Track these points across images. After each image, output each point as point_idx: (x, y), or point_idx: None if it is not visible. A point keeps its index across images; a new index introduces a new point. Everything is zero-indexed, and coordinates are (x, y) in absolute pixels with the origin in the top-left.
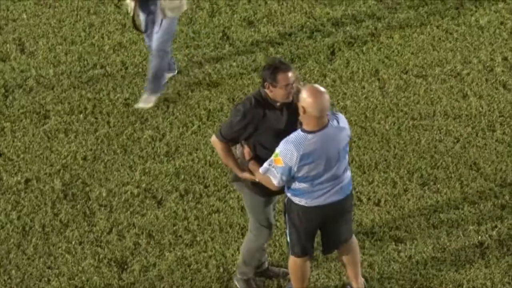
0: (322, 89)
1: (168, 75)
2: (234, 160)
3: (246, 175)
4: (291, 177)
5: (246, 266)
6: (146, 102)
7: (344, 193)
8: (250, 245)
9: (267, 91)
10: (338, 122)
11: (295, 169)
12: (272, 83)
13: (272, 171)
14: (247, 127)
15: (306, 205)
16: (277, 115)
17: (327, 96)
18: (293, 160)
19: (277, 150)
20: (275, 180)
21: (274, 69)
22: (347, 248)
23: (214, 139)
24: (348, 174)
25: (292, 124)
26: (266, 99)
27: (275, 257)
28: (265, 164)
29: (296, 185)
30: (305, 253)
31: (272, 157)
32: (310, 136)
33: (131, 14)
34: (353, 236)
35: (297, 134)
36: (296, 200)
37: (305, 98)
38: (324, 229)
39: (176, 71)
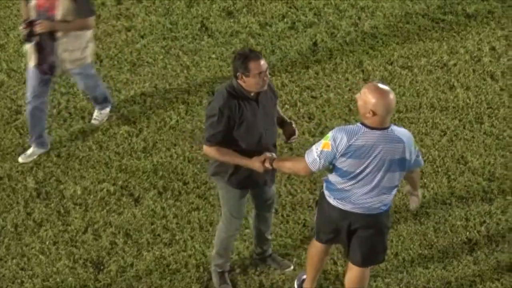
0: (386, 87)
1: (105, 111)
2: (235, 154)
3: (255, 162)
4: (331, 165)
5: (220, 257)
6: (100, 118)
7: (375, 212)
8: (221, 235)
9: (240, 82)
10: (400, 133)
11: (338, 156)
12: (244, 73)
13: (314, 156)
14: (229, 121)
15: (332, 202)
16: (252, 105)
17: (393, 95)
18: (341, 147)
19: (329, 133)
20: (314, 166)
21: (245, 58)
22: (354, 274)
23: (205, 149)
24: (387, 198)
25: (269, 114)
26: (240, 90)
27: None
28: (313, 148)
29: (333, 178)
30: (327, 242)
31: (322, 140)
32: (366, 129)
33: (34, 63)
34: (367, 270)
35: (354, 125)
36: (327, 194)
37: (370, 99)
38: (347, 234)
39: (110, 106)
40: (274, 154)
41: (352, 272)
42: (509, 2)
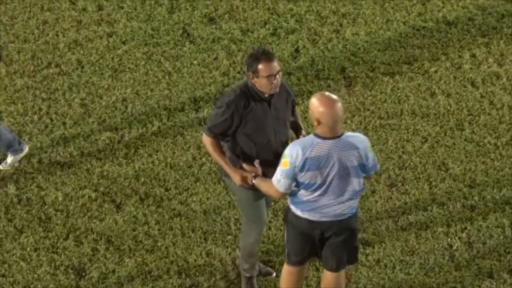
0: (334, 96)
1: (20, 156)
2: (223, 157)
3: (236, 175)
4: (294, 181)
5: (246, 262)
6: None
7: (342, 217)
8: (243, 241)
9: (252, 81)
10: (353, 139)
11: (298, 171)
12: (254, 74)
13: (278, 177)
14: (233, 117)
15: (300, 215)
16: (264, 106)
17: (340, 104)
18: (298, 161)
19: (286, 150)
20: (281, 187)
21: (255, 59)
22: (329, 280)
23: (203, 137)
24: (353, 204)
25: (281, 117)
26: (253, 89)
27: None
28: (277, 174)
29: (298, 191)
30: (301, 263)
31: (281, 160)
32: (319, 140)
33: None
34: (342, 272)
35: (307, 137)
36: (293, 208)
37: (317, 108)
38: (318, 242)
39: (26, 149)
40: (259, 170)
41: (328, 278)
42: (489, 9)
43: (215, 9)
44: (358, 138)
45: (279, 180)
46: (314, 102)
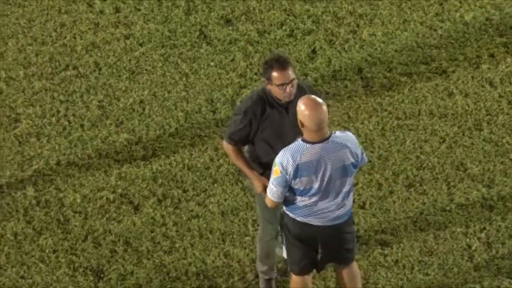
0: (319, 100)
1: None
2: (245, 164)
3: (259, 182)
4: (287, 189)
5: (262, 264)
6: None
7: (340, 220)
8: (260, 241)
9: (267, 87)
10: (342, 139)
11: (291, 179)
12: (268, 80)
13: (270, 186)
14: (251, 124)
15: (298, 219)
16: (281, 112)
17: (324, 108)
18: (290, 168)
19: (276, 159)
20: (273, 196)
21: (269, 66)
22: (345, 274)
23: (224, 144)
24: (349, 202)
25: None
26: (270, 95)
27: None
28: (270, 183)
29: (294, 197)
30: (303, 272)
31: (272, 169)
32: (308, 145)
33: None
34: (354, 264)
35: (296, 143)
36: (290, 214)
37: (302, 110)
38: (318, 249)
39: None
40: None
41: (342, 274)
42: (507, 9)
43: (231, 10)
44: (346, 136)
45: (271, 189)
46: (300, 105)
